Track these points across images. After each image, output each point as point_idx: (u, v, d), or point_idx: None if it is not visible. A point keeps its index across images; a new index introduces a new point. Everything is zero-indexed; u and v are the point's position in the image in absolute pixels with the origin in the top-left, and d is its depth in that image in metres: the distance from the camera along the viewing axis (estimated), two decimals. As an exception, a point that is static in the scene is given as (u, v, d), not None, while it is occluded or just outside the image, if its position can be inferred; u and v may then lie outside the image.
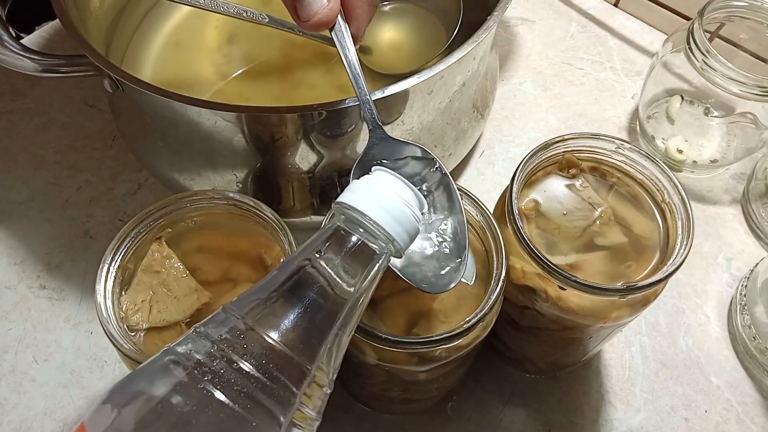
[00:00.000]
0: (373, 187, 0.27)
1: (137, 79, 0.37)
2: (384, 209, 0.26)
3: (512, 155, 0.55)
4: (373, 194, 0.26)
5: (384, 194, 0.26)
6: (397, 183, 0.27)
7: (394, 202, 0.26)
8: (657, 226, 0.36)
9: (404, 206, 0.26)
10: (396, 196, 0.26)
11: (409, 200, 0.27)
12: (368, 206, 0.26)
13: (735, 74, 0.45)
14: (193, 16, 0.56)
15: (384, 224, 0.26)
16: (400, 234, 0.26)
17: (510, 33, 0.64)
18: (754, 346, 0.45)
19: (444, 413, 0.43)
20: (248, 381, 0.22)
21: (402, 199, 0.26)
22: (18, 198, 0.52)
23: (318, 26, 0.32)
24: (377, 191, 0.26)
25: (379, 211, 0.26)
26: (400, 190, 0.27)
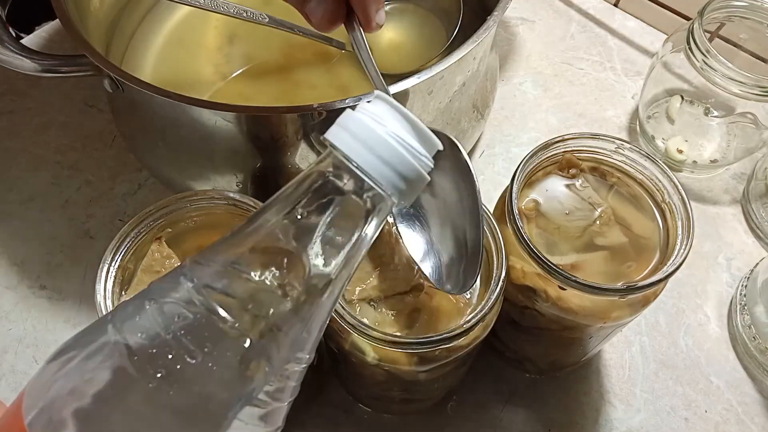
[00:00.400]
0: (366, 124, 0.22)
1: (137, 79, 0.37)
2: (377, 155, 0.22)
3: (512, 155, 0.55)
4: (366, 133, 0.22)
5: (379, 135, 0.22)
6: (399, 118, 0.23)
7: (391, 146, 0.22)
8: (657, 226, 0.36)
9: (404, 150, 0.22)
10: (394, 137, 0.22)
11: (411, 142, 0.23)
12: (358, 149, 0.22)
13: (735, 74, 0.45)
14: (193, 16, 0.56)
15: (376, 174, 0.22)
16: (396, 183, 0.22)
17: (510, 33, 0.64)
18: (754, 346, 0.45)
19: (444, 413, 0.43)
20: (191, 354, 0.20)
21: (402, 141, 0.22)
22: (18, 198, 0.52)
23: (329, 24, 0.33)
24: (371, 130, 0.22)
25: (370, 158, 0.22)
26: (401, 126, 0.23)
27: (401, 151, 0.22)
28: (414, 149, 0.23)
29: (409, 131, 0.23)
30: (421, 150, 0.23)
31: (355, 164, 0.22)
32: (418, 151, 0.23)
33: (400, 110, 0.23)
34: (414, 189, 0.23)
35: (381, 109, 0.23)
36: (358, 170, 0.22)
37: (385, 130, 0.22)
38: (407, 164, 0.22)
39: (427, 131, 0.23)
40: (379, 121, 0.22)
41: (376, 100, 0.23)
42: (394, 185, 0.22)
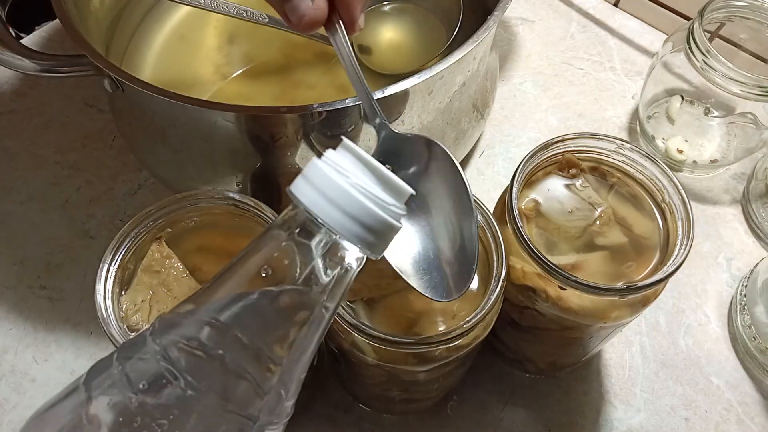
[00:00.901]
0: (329, 178, 0.21)
1: (137, 79, 0.37)
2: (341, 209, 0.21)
3: (512, 155, 0.55)
4: (330, 186, 0.21)
5: (343, 189, 0.21)
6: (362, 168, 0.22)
7: (355, 199, 0.21)
8: (657, 226, 0.36)
9: (368, 202, 0.21)
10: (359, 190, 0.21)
11: (377, 192, 0.22)
12: (322, 205, 0.21)
13: (735, 74, 0.45)
14: (193, 16, 0.56)
15: (342, 229, 0.21)
16: (362, 235, 0.21)
17: (510, 33, 0.64)
18: (754, 346, 0.45)
19: (444, 413, 0.43)
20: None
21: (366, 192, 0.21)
22: (18, 198, 0.52)
23: (310, 26, 0.31)
24: (335, 184, 0.21)
25: (334, 213, 0.21)
26: (366, 178, 0.22)
27: (365, 202, 0.21)
28: (380, 199, 0.22)
29: (374, 180, 0.22)
30: (388, 199, 0.22)
31: (320, 220, 0.21)
32: (384, 201, 0.22)
33: (364, 159, 0.22)
34: (383, 240, 0.22)
35: (345, 158, 0.22)
36: (323, 226, 0.21)
37: (348, 182, 0.21)
38: (373, 215, 0.21)
39: (393, 179, 0.22)
40: (343, 172, 0.21)
41: (341, 149, 0.22)
42: (360, 238, 0.21)
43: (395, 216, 0.22)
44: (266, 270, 0.22)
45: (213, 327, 0.21)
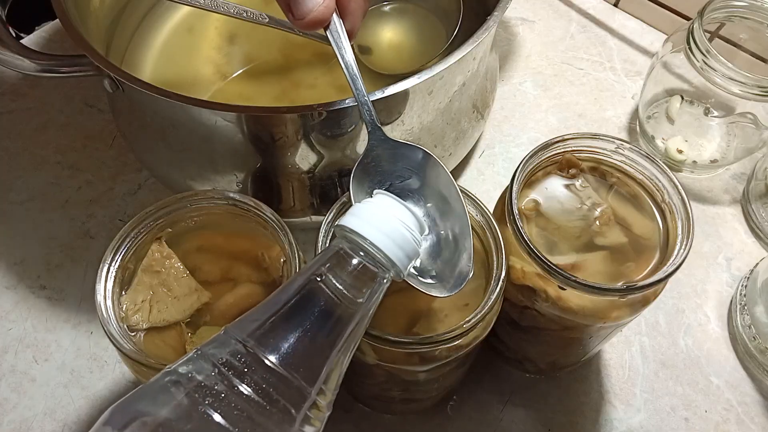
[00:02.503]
0: (373, 212, 0.27)
1: (137, 79, 0.37)
2: (384, 233, 0.27)
3: (512, 155, 0.55)
4: (374, 218, 0.27)
5: (384, 218, 0.27)
6: (397, 207, 0.28)
7: (395, 227, 0.27)
8: (657, 226, 0.36)
9: (404, 230, 0.27)
10: (396, 220, 0.27)
11: (409, 224, 0.28)
12: (369, 230, 0.26)
13: (735, 74, 0.45)
14: (193, 16, 0.56)
15: (384, 248, 0.26)
16: (400, 258, 0.27)
17: (510, 33, 0.64)
18: (754, 346, 0.45)
19: (444, 413, 0.43)
20: (248, 404, 0.22)
21: (402, 223, 0.27)
22: (18, 198, 0.52)
23: (313, 24, 0.31)
24: (378, 215, 0.27)
25: (380, 236, 0.27)
26: (400, 214, 0.28)
27: (405, 232, 0.27)
28: (411, 230, 0.28)
29: (407, 216, 0.28)
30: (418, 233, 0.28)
31: (369, 243, 0.26)
32: (413, 232, 0.28)
33: (398, 200, 0.29)
34: (410, 261, 0.28)
35: (385, 200, 0.29)
36: (375, 251, 0.27)
37: (395, 217, 0.28)
38: (409, 243, 0.27)
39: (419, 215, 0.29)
40: (387, 209, 0.28)
41: (378, 195, 0.30)
42: (400, 260, 0.27)
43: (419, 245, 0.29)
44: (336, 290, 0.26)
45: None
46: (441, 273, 0.30)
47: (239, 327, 0.25)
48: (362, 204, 0.28)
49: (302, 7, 0.31)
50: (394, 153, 0.32)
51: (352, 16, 0.33)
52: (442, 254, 0.31)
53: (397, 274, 0.28)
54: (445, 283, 0.30)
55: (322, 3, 0.31)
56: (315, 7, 0.31)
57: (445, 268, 0.30)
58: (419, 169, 0.31)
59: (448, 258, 0.30)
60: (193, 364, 0.24)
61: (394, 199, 0.29)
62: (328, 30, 0.33)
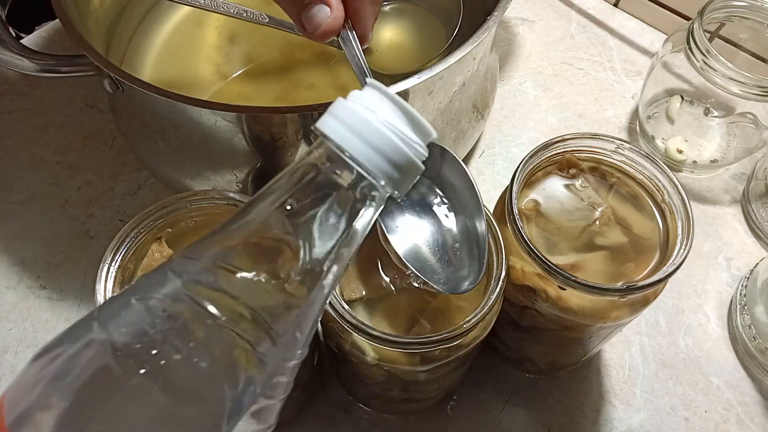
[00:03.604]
0: (357, 112, 0.22)
1: (137, 79, 0.37)
2: (369, 143, 0.21)
3: (512, 155, 0.55)
4: (357, 121, 0.21)
5: (370, 122, 0.21)
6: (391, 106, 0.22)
7: (382, 133, 0.21)
8: (657, 226, 0.36)
9: (395, 137, 0.22)
10: (385, 124, 0.21)
11: (403, 129, 0.22)
12: (349, 138, 0.21)
13: (735, 74, 0.45)
14: (193, 16, 0.56)
15: (368, 162, 0.21)
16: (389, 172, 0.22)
17: (510, 33, 0.64)
18: (754, 346, 0.45)
19: (444, 413, 0.43)
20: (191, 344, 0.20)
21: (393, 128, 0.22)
22: (18, 198, 0.52)
23: (325, 36, 0.32)
24: (362, 118, 0.21)
25: (362, 146, 0.21)
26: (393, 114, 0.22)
27: (393, 138, 0.21)
28: (406, 136, 0.22)
29: (401, 118, 0.22)
30: (414, 137, 0.22)
31: (348, 154, 0.21)
32: (410, 138, 0.22)
33: (391, 97, 0.22)
34: (407, 178, 0.22)
35: (372, 96, 0.22)
36: (350, 160, 0.21)
37: (376, 118, 0.21)
38: (399, 152, 0.22)
39: (420, 118, 0.22)
40: (371, 109, 0.22)
41: (368, 88, 0.23)
42: (386, 174, 0.22)
43: (419, 155, 0.23)
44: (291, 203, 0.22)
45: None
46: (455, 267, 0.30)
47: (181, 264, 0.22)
48: (345, 101, 0.22)
49: (313, 21, 0.32)
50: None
51: (363, 22, 0.34)
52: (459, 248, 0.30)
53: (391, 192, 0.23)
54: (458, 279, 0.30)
55: (330, 15, 0.32)
56: (324, 20, 0.32)
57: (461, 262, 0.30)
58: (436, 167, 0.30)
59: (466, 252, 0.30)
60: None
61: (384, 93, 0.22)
62: (340, 37, 0.33)
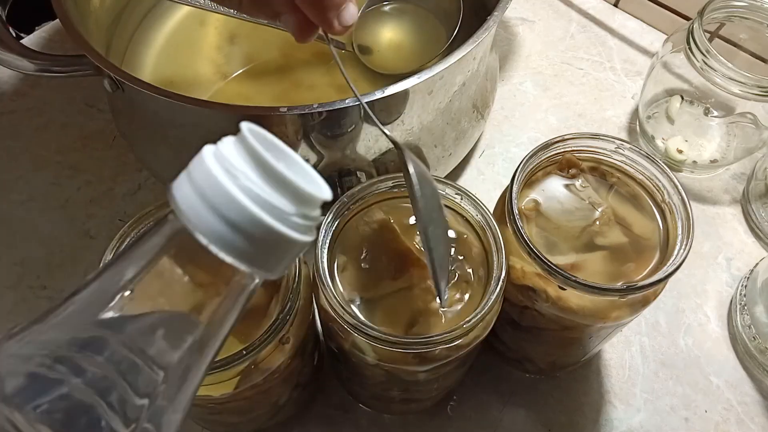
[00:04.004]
0: (212, 174, 0.17)
1: (137, 79, 0.37)
2: (223, 217, 0.16)
3: (512, 155, 0.55)
4: (211, 187, 0.16)
5: (226, 190, 0.16)
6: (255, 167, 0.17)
7: (251, 213, 0.16)
8: (657, 226, 0.36)
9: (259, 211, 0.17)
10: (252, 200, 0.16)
11: (271, 198, 0.17)
12: (198, 210, 0.17)
13: (735, 74, 0.45)
14: (193, 16, 0.56)
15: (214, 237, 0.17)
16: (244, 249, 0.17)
17: (510, 33, 0.64)
18: (754, 346, 0.45)
19: (444, 413, 0.43)
20: None
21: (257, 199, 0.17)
22: (18, 198, 0.52)
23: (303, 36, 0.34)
24: (217, 182, 0.16)
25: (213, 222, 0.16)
26: (257, 178, 0.17)
27: (260, 215, 0.16)
28: (273, 206, 0.17)
29: (267, 182, 0.17)
30: (286, 207, 0.17)
31: (193, 226, 0.17)
32: (279, 209, 0.17)
33: (256, 153, 0.17)
34: (276, 255, 0.17)
35: (238, 151, 0.17)
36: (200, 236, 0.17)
37: (236, 183, 0.16)
38: (270, 231, 0.17)
39: (292, 182, 0.17)
40: (232, 170, 0.17)
41: (238, 137, 0.18)
42: (254, 261, 0.17)
43: (300, 229, 0.17)
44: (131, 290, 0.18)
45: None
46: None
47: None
48: (205, 153, 0.17)
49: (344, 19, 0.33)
50: None
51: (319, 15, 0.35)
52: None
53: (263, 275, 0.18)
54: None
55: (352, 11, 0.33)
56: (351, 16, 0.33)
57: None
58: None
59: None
60: None
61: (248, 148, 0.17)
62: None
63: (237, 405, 0.35)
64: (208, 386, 0.31)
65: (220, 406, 0.34)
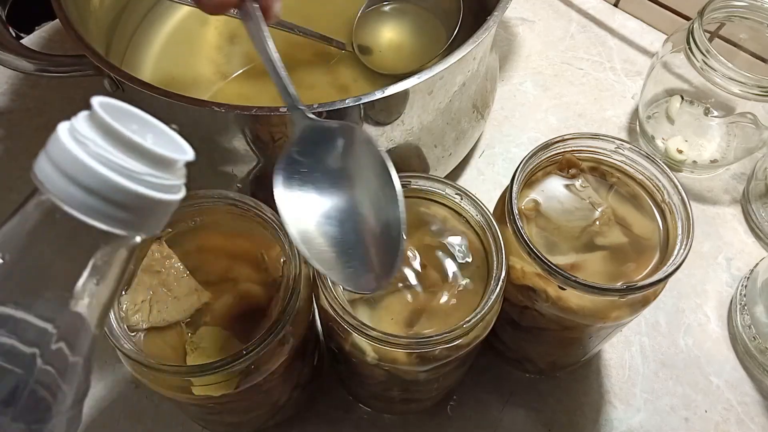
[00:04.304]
0: (66, 148, 0.18)
1: (137, 79, 0.37)
2: (82, 186, 0.18)
3: (512, 155, 0.55)
4: (67, 160, 0.18)
5: (82, 161, 0.18)
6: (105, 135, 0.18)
7: (101, 175, 0.18)
8: (657, 226, 0.36)
9: (116, 175, 0.18)
10: (102, 163, 0.18)
11: (124, 162, 0.18)
12: (60, 184, 0.18)
13: (735, 74, 0.45)
14: (193, 16, 0.56)
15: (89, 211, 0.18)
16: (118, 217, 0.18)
17: (510, 33, 0.64)
18: (754, 346, 0.45)
19: (444, 413, 0.43)
20: None
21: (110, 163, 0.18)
22: (18, 198, 0.51)
23: (219, 8, 0.30)
24: (71, 155, 0.18)
25: (75, 192, 0.18)
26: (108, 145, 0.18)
27: (110, 176, 0.18)
28: (127, 169, 0.18)
29: (119, 147, 0.18)
30: (139, 168, 0.18)
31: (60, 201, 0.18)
32: (133, 171, 0.18)
33: (104, 122, 0.18)
34: (145, 215, 0.19)
35: (86, 122, 0.19)
36: (68, 209, 0.18)
37: (87, 151, 0.18)
38: (120, 189, 0.18)
39: (142, 145, 0.18)
40: (83, 140, 0.18)
41: (91, 112, 0.19)
42: (115, 219, 0.18)
43: (156, 186, 0.19)
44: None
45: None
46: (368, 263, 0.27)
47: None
48: (60, 129, 0.19)
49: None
50: (322, 134, 0.29)
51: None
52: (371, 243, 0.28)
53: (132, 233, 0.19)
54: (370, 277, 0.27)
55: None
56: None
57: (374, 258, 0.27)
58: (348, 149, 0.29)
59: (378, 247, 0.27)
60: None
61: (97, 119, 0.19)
62: (241, 12, 0.31)
63: (237, 405, 0.35)
64: (208, 386, 0.31)
65: (220, 406, 0.34)
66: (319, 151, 0.29)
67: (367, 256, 0.28)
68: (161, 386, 0.31)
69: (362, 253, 0.28)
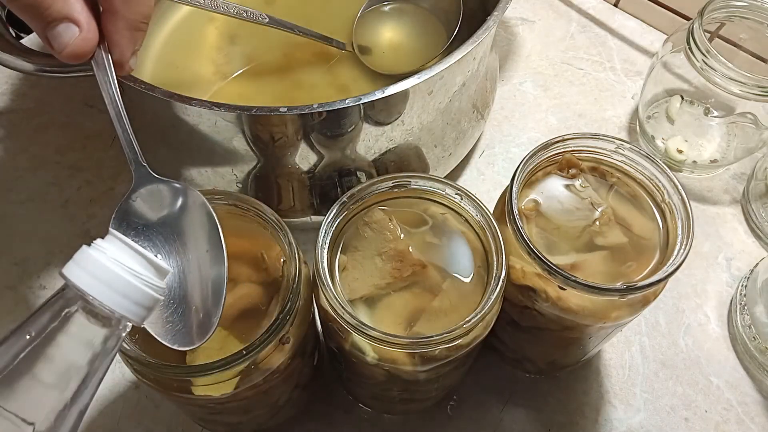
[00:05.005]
0: (99, 260, 0.25)
1: (137, 79, 0.37)
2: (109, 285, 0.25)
3: (512, 155, 0.55)
4: (99, 268, 0.25)
5: (111, 268, 0.25)
6: (127, 250, 0.26)
7: (121, 277, 0.25)
8: (657, 226, 0.36)
9: (133, 278, 0.25)
10: (124, 269, 0.25)
11: (141, 270, 0.26)
12: (91, 282, 0.24)
13: (735, 74, 0.45)
14: (193, 16, 0.56)
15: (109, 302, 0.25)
16: (130, 308, 0.25)
17: (510, 33, 0.64)
18: (754, 346, 0.45)
19: (444, 413, 0.43)
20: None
21: (131, 271, 0.25)
22: (18, 198, 0.52)
23: (74, 58, 0.30)
24: (103, 265, 0.25)
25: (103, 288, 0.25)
26: (128, 258, 0.26)
27: (137, 284, 0.25)
28: (146, 279, 0.26)
29: (140, 263, 0.26)
30: (153, 279, 0.26)
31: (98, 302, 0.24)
32: (149, 280, 0.26)
33: (131, 246, 0.26)
34: (149, 310, 0.26)
35: (115, 246, 0.26)
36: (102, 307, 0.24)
37: (119, 266, 0.25)
38: (143, 294, 0.25)
39: (156, 261, 0.26)
40: (113, 257, 0.25)
41: (110, 238, 0.26)
42: (133, 313, 0.25)
43: (159, 291, 0.26)
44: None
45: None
46: (189, 321, 0.29)
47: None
48: (88, 250, 0.25)
49: (59, 41, 0.30)
50: (158, 191, 0.31)
51: (120, 47, 0.31)
52: (193, 302, 0.29)
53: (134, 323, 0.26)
54: (191, 332, 0.29)
55: (79, 35, 0.29)
56: (71, 40, 0.29)
57: (195, 316, 0.29)
58: (185, 208, 0.30)
59: (201, 306, 0.29)
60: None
61: (122, 241, 0.26)
62: (93, 60, 0.31)
63: (237, 405, 0.35)
64: (208, 386, 0.31)
65: (220, 406, 0.34)
66: (156, 207, 0.30)
67: (187, 315, 0.29)
68: (161, 386, 0.31)
69: (183, 311, 0.29)
